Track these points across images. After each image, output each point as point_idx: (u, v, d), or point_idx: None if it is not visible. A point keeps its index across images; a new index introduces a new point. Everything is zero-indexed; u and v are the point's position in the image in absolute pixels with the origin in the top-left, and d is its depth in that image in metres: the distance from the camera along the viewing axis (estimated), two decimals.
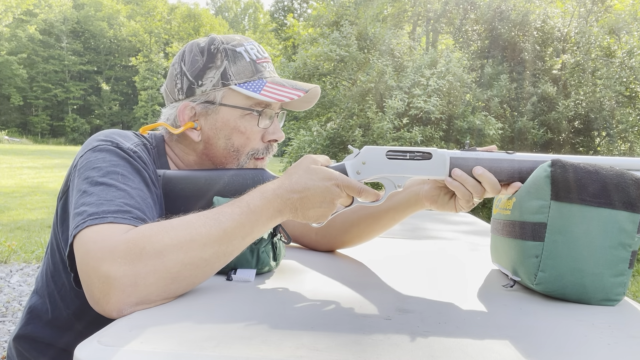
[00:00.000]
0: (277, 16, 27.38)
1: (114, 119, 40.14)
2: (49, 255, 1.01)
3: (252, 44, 1.03)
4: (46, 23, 37.69)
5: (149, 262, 0.69)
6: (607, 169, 0.81)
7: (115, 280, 0.68)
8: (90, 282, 0.69)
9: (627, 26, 9.09)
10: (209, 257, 0.74)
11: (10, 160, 14.82)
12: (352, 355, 0.56)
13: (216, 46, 1.00)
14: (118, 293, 0.67)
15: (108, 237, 0.71)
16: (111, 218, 0.74)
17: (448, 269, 1.11)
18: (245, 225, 0.78)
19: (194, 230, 0.74)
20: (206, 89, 0.99)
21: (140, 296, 0.69)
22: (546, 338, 0.65)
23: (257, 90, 0.98)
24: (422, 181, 1.01)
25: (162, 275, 0.70)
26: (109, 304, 0.68)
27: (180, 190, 0.93)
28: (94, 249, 0.70)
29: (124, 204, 0.78)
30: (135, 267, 0.68)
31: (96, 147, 0.88)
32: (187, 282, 0.74)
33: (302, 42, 12.02)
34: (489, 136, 8.34)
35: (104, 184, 0.80)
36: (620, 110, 9.05)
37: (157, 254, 0.70)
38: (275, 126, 1.04)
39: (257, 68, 1.00)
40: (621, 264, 0.80)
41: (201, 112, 1.00)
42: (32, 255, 4.57)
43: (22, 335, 1.02)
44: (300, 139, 9.76)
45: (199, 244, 0.73)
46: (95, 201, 0.77)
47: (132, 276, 0.68)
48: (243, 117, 0.99)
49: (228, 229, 0.76)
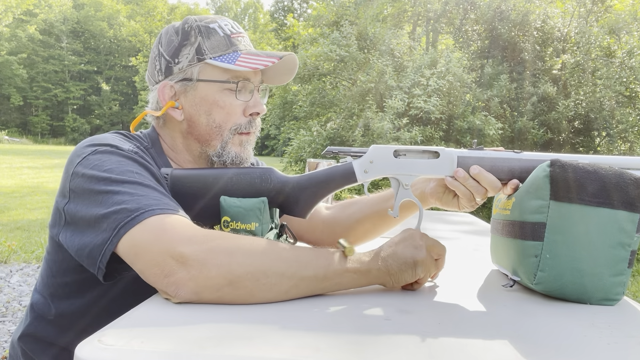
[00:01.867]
0: (277, 16, 27.39)
1: (114, 119, 40.13)
2: (50, 254, 1.01)
3: (226, 21, 1.04)
4: (46, 23, 37.69)
5: (218, 256, 0.73)
6: (606, 168, 0.81)
7: (187, 260, 0.72)
8: (162, 260, 0.72)
9: (627, 26, 9.09)
10: (271, 279, 0.75)
11: (10, 160, 14.82)
12: (352, 355, 0.57)
13: (190, 24, 1.01)
14: (185, 272, 0.71)
15: (182, 225, 0.76)
16: (169, 211, 0.77)
17: (448, 269, 1.11)
18: (330, 265, 0.79)
19: (272, 252, 0.77)
20: (183, 66, 1.00)
21: (199, 285, 0.72)
22: (546, 338, 0.65)
23: (232, 62, 0.98)
24: (427, 179, 1.02)
25: (223, 272, 0.72)
26: (174, 279, 0.71)
27: (189, 189, 0.93)
28: (170, 234, 0.74)
29: (158, 197, 0.80)
30: (206, 256, 0.72)
31: (97, 150, 0.87)
32: (244, 293, 0.74)
33: (302, 42, 12.02)
34: (489, 136, 8.35)
35: (127, 182, 0.81)
36: (620, 110, 9.05)
37: (227, 252, 0.74)
38: (255, 99, 1.04)
39: (232, 42, 1.01)
40: (620, 264, 0.80)
41: (180, 90, 1.01)
42: (32, 255, 4.57)
43: (25, 334, 1.02)
44: (300, 139, 9.76)
45: (269, 259, 0.76)
46: (128, 199, 0.78)
47: (201, 263, 0.72)
48: (222, 92, 1.00)
49: (304, 261, 0.78)
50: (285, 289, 0.76)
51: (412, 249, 0.84)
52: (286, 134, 11.81)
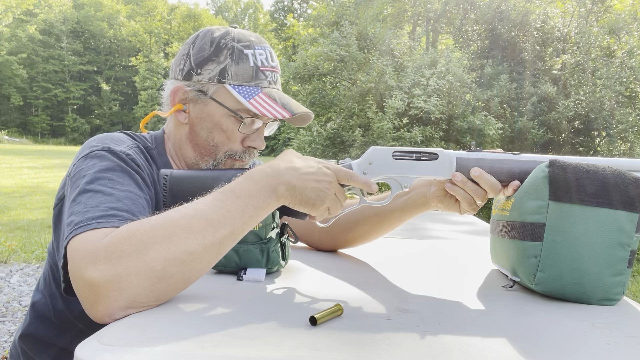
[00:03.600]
0: (277, 16, 27.37)
1: (114, 119, 40.13)
2: (50, 255, 1.01)
3: (262, 49, 1.02)
4: (46, 23, 37.70)
5: (129, 263, 0.67)
6: (605, 168, 0.81)
7: (99, 286, 0.66)
8: (79, 291, 0.69)
9: (627, 26, 9.09)
10: (193, 249, 0.70)
11: (10, 160, 14.82)
12: (352, 355, 0.57)
13: (226, 41, 1.00)
14: (104, 299, 0.66)
15: (89, 244, 0.69)
16: (94, 224, 0.72)
17: (448, 269, 1.11)
18: (231, 211, 0.75)
19: (173, 223, 0.70)
20: (202, 79, 1.00)
21: (127, 299, 0.67)
22: (545, 338, 0.65)
23: (247, 98, 0.98)
24: (429, 182, 1.02)
25: (145, 275, 0.67)
26: (98, 311, 0.67)
27: (187, 190, 0.93)
28: (78, 258, 0.69)
29: (109, 208, 0.76)
30: (116, 270, 0.66)
31: (88, 155, 0.88)
32: (176, 279, 0.70)
33: (302, 42, 12.02)
34: (489, 136, 8.35)
35: (91, 190, 0.80)
36: (620, 110, 9.05)
37: (137, 254, 0.67)
38: (257, 135, 1.04)
39: (258, 75, 1.00)
40: (620, 264, 0.80)
41: (192, 98, 1.02)
42: (32, 255, 4.58)
43: (26, 333, 1.02)
44: (300, 139, 9.76)
45: (179, 237, 0.70)
46: (81, 210, 0.76)
47: (115, 280, 0.66)
48: (228, 117, 1.00)
49: (211, 217, 0.73)
50: (214, 252, 0.73)
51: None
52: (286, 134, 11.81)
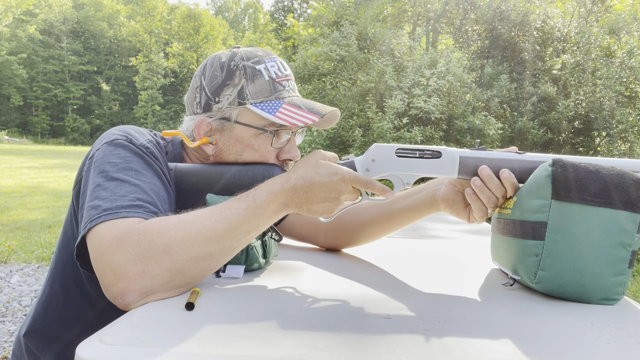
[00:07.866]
0: (277, 16, 27.36)
1: (114, 119, 40.12)
2: (66, 244, 1.00)
3: (272, 61, 1.01)
4: (46, 23, 37.72)
5: (156, 255, 0.73)
6: (607, 168, 0.81)
7: (124, 268, 0.72)
8: (103, 271, 0.73)
9: (627, 26, 9.09)
10: (214, 250, 0.77)
11: (10, 160, 14.82)
12: (352, 354, 0.57)
13: (236, 63, 0.98)
14: (126, 280, 0.71)
15: (121, 230, 0.75)
16: (124, 213, 0.78)
17: (448, 268, 1.11)
18: (250, 220, 0.81)
19: (200, 224, 0.77)
20: (222, 106, 0.98)
21: (146, 286, 0.72)
22: (546, 337, 0.65)
23: (272, 112, 0.96)
24: (439, 183, 1.02)
25: (168, 267, 0.73)
26: (117, 288, 0.72)
27: (192, 183, 0.94)
28: (108, 239, 0.74)
29: (136, 198, 0.81)
30: (143, 258, 0.72)
31: (112, 142, 0.90)
32: (193, 274, 0.77)
33: (302, 42, 12.02)
34: (489, 136, 8.34)
35: (118, 179, 0.83)
36: (620, 110, 9.04)
37: (165, 247, 0.73)
38: (290, 145, 1.02)
39: (276, 87, 0.99)
40: (621, 264, 0.80)
41: (217, 128, 0.99)
42: (32, 255, 4.57)
43: (31, 330, 1.02)
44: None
45: (204, 237, 0.76)
46: (109, 196, 0.80)
47: (140, 265, 0.72)
48: (257, 136, 0.98)
49: (234, 223, 0.79)
50: (230, 254, 0.81)
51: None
52: None
